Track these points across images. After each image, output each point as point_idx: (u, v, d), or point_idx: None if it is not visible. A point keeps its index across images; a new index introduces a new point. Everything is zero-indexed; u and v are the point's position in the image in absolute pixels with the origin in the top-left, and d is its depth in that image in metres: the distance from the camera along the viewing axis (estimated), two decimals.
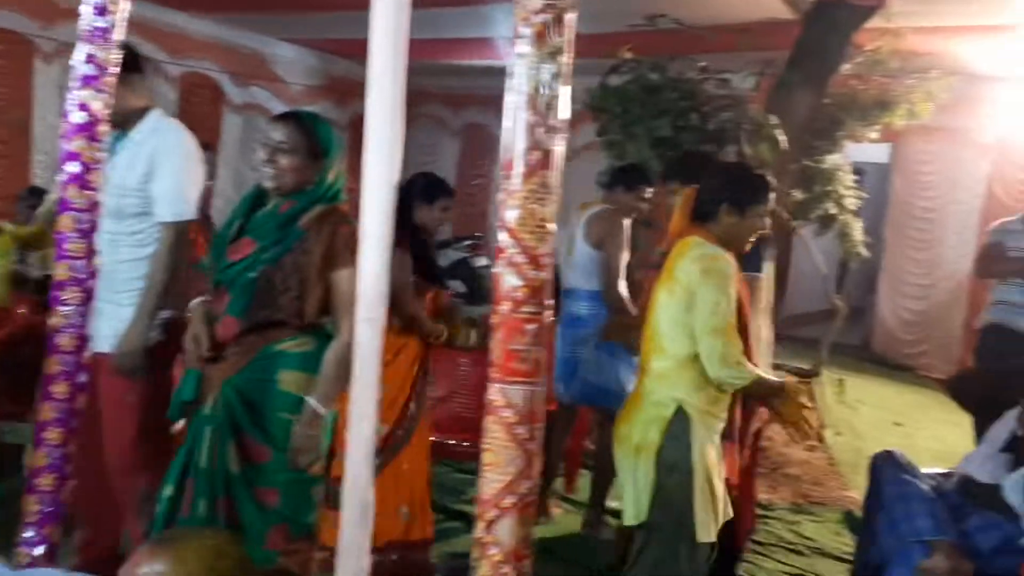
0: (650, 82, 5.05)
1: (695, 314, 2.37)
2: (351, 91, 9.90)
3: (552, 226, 1.12)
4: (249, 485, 2.17)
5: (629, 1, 5.23)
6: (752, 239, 2.58)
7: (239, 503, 2.18)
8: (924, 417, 6.52)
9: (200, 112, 7.99)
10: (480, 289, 8.61)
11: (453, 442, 3.73)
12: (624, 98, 5.14)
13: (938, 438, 5.79)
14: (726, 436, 2.52)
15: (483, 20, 6.71)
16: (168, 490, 2.21)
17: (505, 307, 1.13)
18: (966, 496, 2.63)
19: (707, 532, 2.35)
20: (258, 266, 2.21)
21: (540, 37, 1.12)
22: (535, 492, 1.20)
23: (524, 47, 1.13)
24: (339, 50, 8.91)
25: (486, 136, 10.27)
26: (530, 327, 1.14)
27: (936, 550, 2.41)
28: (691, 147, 5.02)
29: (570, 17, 1.11)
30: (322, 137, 2.37)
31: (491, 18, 6.76)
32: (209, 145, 3.84)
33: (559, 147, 1.10)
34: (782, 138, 4.90)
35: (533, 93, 1.13)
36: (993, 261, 4.06)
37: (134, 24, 2.04)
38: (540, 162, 1.14)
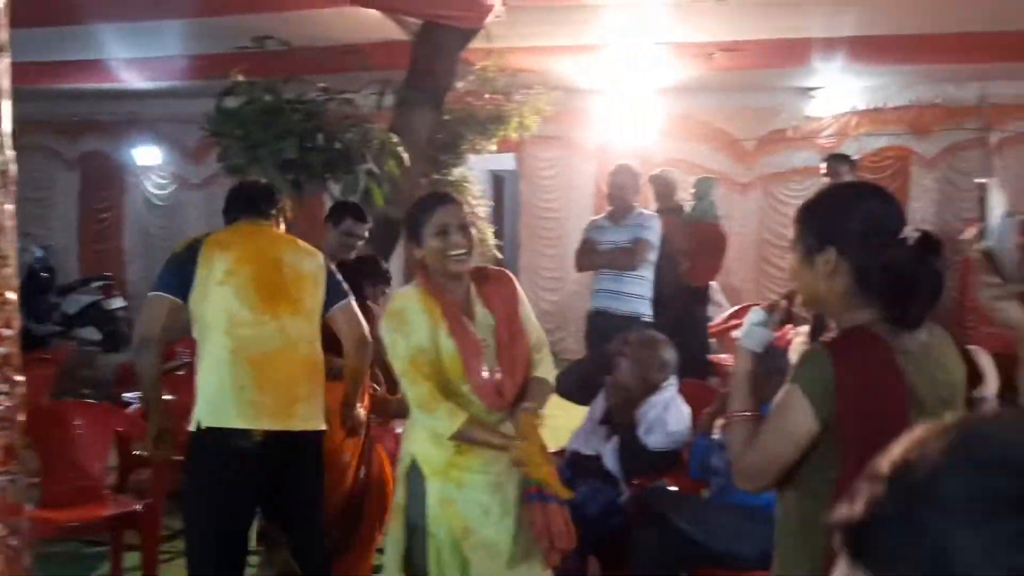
0: (268, 104, 4.98)
1: None
2: None
3: (12, 295, 1.02)
4: None
5: (237, 22, 5.10)
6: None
7: None
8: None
9: None
10: (117, 334, 7.86)
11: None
12: (243, 121, 5.00)
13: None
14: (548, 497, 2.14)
15: (94, 40, 6.15)
16: None
17: None
18: (574, 469, 2.92)
19: None
20: None
21: None
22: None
23: None
24: None
25: (108, 166, 9.43)
26: None
27: None
28: (318, 167, 5.03)
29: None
30: None
31: (103, 38, 6.22)
32: None
33: (8, 206, 1.01)
34: (406, 155, 5.09)
35: None
36: (586, 255, 4.60)
37: None
38: None
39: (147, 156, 9.29)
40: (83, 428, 3.37)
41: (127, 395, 4.41)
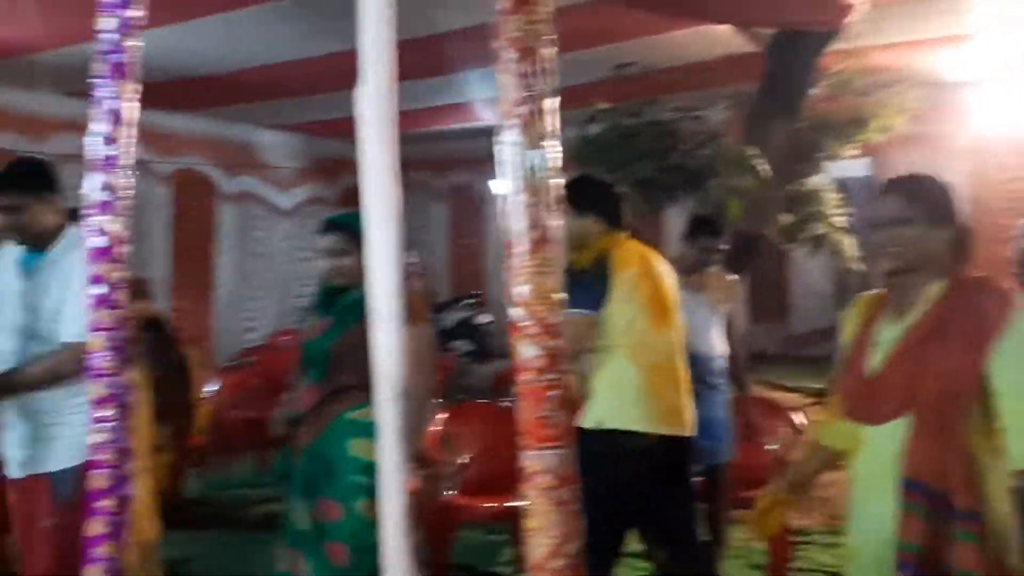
0: (627, 128, 5.22)
1: None
2: (338, 168, 10.12)
3: (560, 296, 1.20)
4: (319, 540, 2.37)
5: (597, 52, 5.41)
6: None
7: (310, 558, 2.39)
8: None
9: (194, 206, 8.17)
10: (487, 346, 8.68)
11: (483, 505, 3.75)
12: (603, 146, 5.29)
13: None
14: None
15: (458, 86, 6.91)
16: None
17: (527, 377, 1.20)
18: None
19: None
20: (331, 339, 2.46)
21: (526, 126, 1.21)
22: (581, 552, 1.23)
23: (511, 137, 1.21)
24: (322, 131, 9.13)
25: (472, 196, 10.46)
26: (552, 394, 1.21)
27: None
28: (671, 185, 5.15)
29: (550, 102, 1.21)
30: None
31: (466, 83, 6.97)
32: None
33: (556, 222, 1.19)
34: (764, 167, 5.03)
35: (527, 177, 1.22)
36: None
37: None
38: (541, 238, 1.22)
39: (504, 186, 10.16)
40: (495, 427, 3.76)
41: (503, 400, 4.85)
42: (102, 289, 1.59)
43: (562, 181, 1.13)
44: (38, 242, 2.55)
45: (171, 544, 3.19)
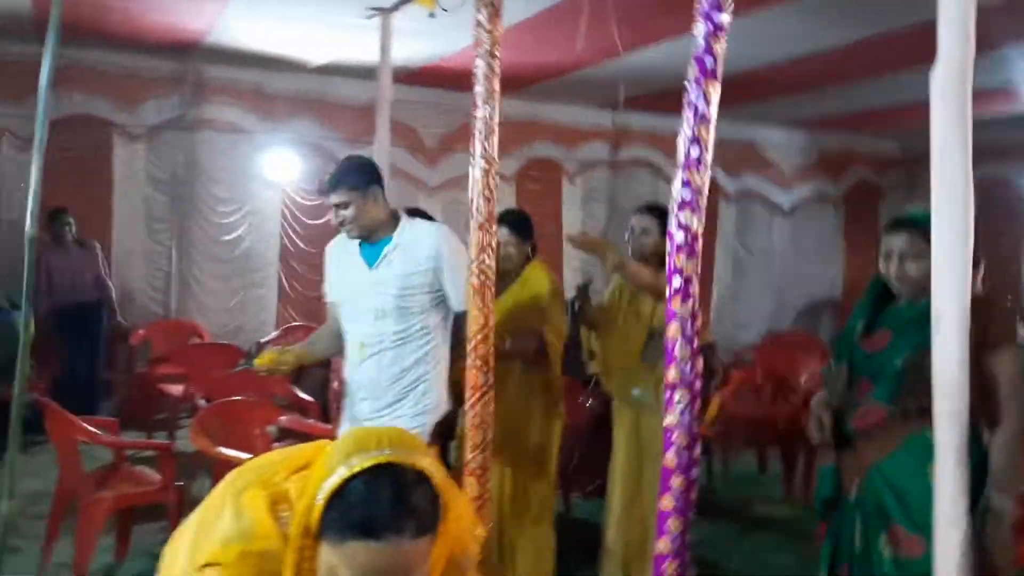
0: None
1: None
2: (844, 164, 9.63)
3: None
4: (897, 572, 2.17)
5: None
6: None
7: None
8: None
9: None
10: None
11: None
12: None
13: None
14: None
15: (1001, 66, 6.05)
16: None
17: None
18: None
19: None
20: (900, 355, 2.23)
21: None
22: None
23: None
24: (826, 126, 8.78)
25: (1008, 191, 9.11)
26: None
27: None
28: None
29: None
30: None
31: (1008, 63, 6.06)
32: None
33: None
34: None
35: None
36: None
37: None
38: None
39: None
40: None
41: None
42: (678, 281, 1.70)
43: None
44: (370, 233, 2.79)
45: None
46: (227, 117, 6.92)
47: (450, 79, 6.54)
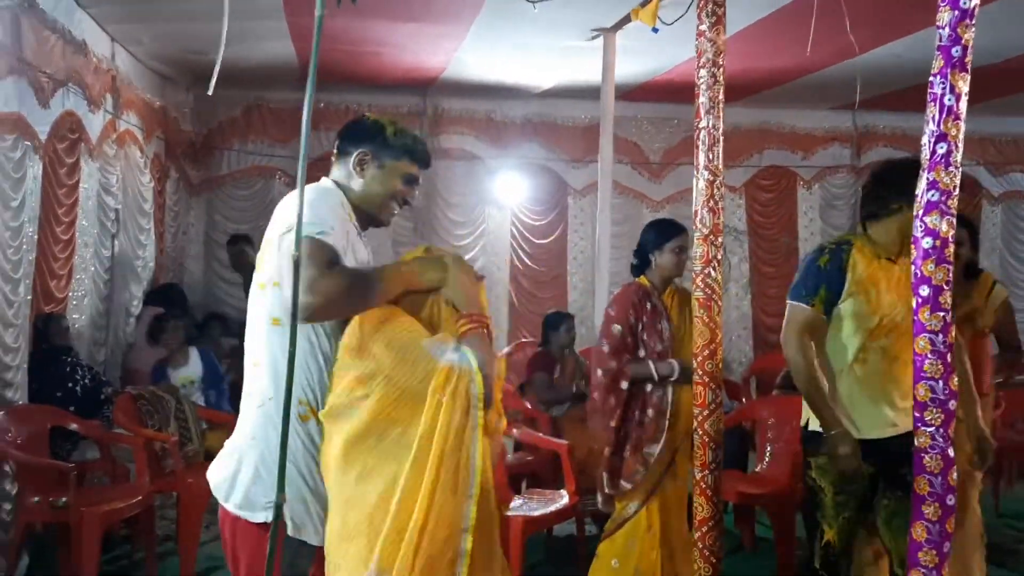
0: None
1: None
2: None
3: None
4: None
5: None
6: None
7: None
8: None
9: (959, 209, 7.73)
10: None
11: None
12: None
13: None
14: None
15: None
16: None
17: None
18: None
19: None
20: None
21: None
22: None
23: None
24: None
25: None
26: None
27: None
28: None
29: None
30: None
31: None
32: None
33: None
34: None
35: None
36: None
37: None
38: None
39: None
40: None
41: None
42: (927, 291, 1.53)
43: None
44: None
45: None
46: (461, 145, 7.29)
47: (671, 93, 6.46)
